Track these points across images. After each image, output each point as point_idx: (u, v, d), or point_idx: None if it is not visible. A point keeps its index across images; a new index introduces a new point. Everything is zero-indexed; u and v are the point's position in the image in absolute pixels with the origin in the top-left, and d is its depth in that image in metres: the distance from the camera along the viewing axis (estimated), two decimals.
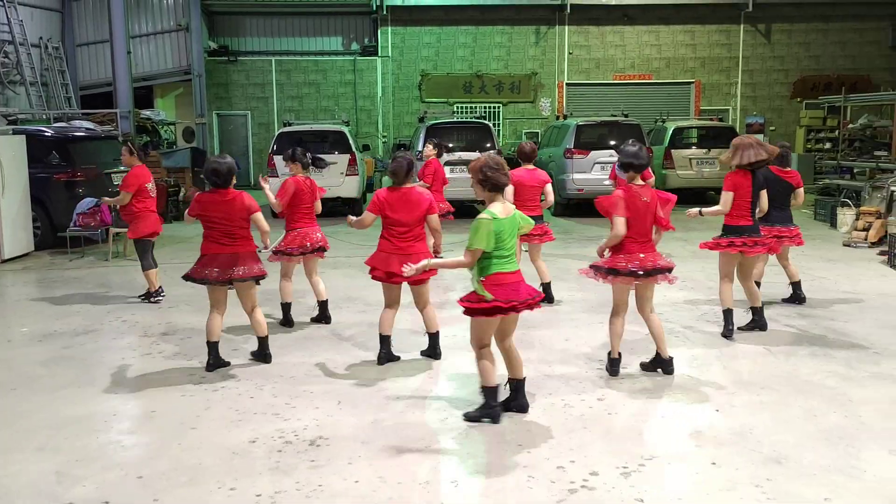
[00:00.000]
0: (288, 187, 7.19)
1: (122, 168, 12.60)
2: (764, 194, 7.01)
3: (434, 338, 6.38)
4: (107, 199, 9.57)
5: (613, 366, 5.96)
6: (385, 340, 6.26)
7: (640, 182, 5.76)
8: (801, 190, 8.20)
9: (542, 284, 8.03)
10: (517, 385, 5.21)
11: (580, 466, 4.40)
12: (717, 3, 22.23)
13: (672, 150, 16.59)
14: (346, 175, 14.98)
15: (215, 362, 6.17)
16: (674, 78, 22.90)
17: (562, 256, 10.81)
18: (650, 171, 10.07)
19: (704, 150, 16.72)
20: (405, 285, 6.11)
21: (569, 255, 10.97)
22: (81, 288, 9.26)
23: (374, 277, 6.18)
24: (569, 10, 21.91)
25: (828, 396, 5.49)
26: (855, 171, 16.87)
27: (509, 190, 6.89)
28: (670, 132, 17.10)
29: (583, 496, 4.07)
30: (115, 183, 12.18)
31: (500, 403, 5.11)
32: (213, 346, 6.17)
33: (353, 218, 6.35)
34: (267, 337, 6.36)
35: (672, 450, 4.64)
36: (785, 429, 4.93)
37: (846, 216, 12.86)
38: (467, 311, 4.93)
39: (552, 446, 4.68)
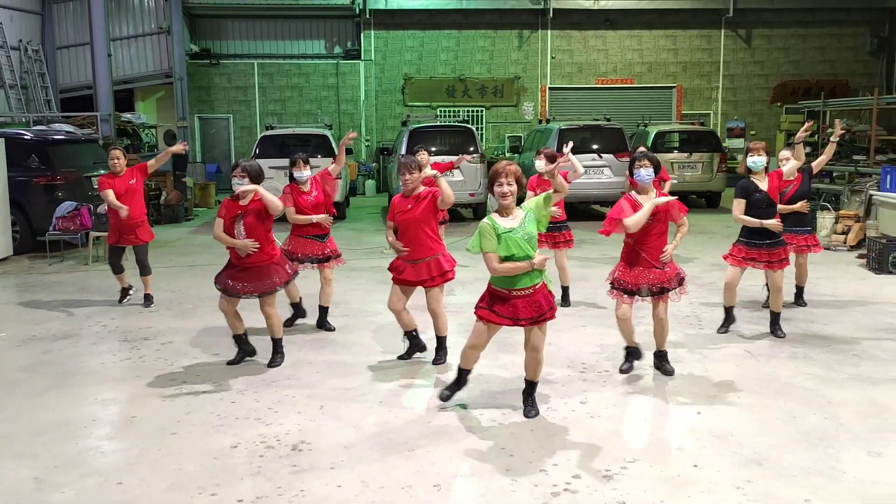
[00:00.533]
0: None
1: (101, 172, 12.53)
2: None
3: (441, 341, 6.42)
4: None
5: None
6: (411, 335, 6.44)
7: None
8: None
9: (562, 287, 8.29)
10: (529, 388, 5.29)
11: (562, 470, 4.41)
12: (698, 9, 22.40)
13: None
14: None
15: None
16: (655, 82, 23.04)
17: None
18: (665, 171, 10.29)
19: (686, 155, 16.84)
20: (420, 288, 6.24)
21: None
22: (61, 292, 9.18)
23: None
24: (551, 15, 22.00)
25: (807, 398, 5.53)
26: (834, 174, 17.03)
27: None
28: (652, 136, 17.20)
29: (565, 499, 4.08)
30: (96, 186, 12.10)
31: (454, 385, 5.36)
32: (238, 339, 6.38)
33: (392, 239, 6.27)
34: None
35: (654, 452, 4.66)
36: (765, 430, 4.96)
37: (825, 220, 12.96)
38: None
39: (534, 450, 4.68)
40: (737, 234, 7.11)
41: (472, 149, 15.01)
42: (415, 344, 6.42)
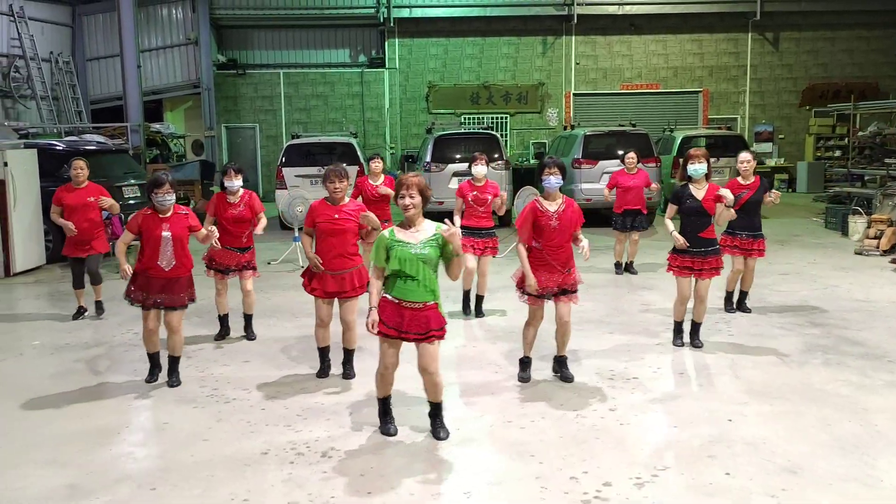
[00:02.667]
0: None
1: (132, 181, 12.69)
2: None
3: (349, 354, 6.34)
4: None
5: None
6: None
7: None
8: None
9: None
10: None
11: (593, 477, 4.38)
12: (724, 12, 22.22)
13: (681, 160, 16.53)
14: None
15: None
16: (681, 87, 22.89)
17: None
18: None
19: (713, 159, 16.65)
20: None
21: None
22: (89, 303, 9.28)
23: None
24: (575, 21, 21.95)
25: (841, 405, 5.45)
26: (865, 178, 16.79)
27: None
28: (678, 141, 17.07)
29: None
30: (126, 196, 12.26)
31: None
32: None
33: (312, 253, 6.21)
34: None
35: (684, 460, 4.62)
36: (799, 438, 4.89)
37: (857, 224, 12.80)
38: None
39: (564, 457, 4.66)
40: None
41: (496, 155, 15.00)
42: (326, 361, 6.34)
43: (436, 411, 5.04)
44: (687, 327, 7.00)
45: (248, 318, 7.52)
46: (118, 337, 7.72)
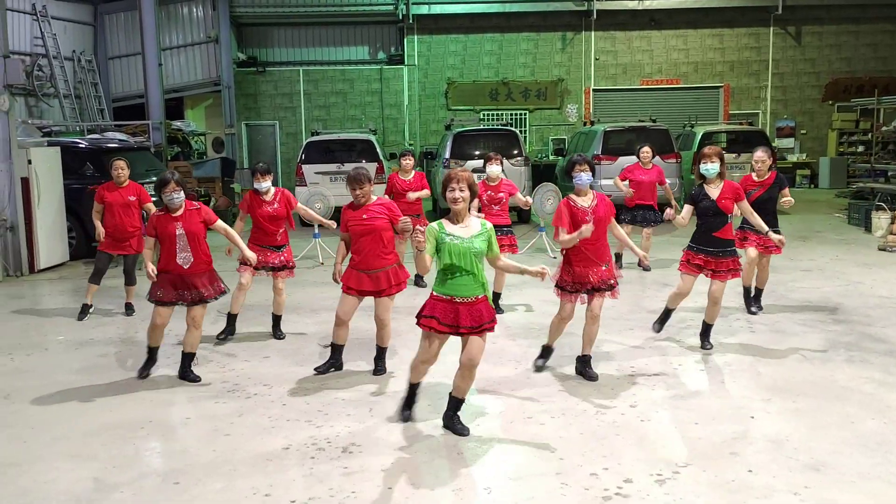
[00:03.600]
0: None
1: (153, 179, 12.79)
2: None
3: (381, 352, 6.40)
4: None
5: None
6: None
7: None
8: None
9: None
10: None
11: (614, 474, 4.37)
12: (745, 6, 22.03)
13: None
14: (374, 184, 15.04)
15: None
16: (702, 82, 22.73)
17: None
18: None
19: (734, 155, 16.55)
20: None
21: None
22: (116, 297, 9.38)
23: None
24: (595, 16, 21.86)
25: (865, 402, 5.40)
26: (889, 174, 16.59)
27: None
28: (699, 137, 16.97)
29: None
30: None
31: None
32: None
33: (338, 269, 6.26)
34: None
35: (706, 457, 4.60)
36: (822, 435, 4.86)
37: (881, 220, 12.65)
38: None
39: (585, 453, 4.66)
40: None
41: (515, 152, 14.99)
42: (335, 360, 6.35)
43: (457, 406, 5.05)
44: (697, 327, 6.95)
45: (276, 319, 7.49)
46: (141, 333, 7.78)
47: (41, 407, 5.72)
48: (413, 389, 5.24)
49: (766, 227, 6.78)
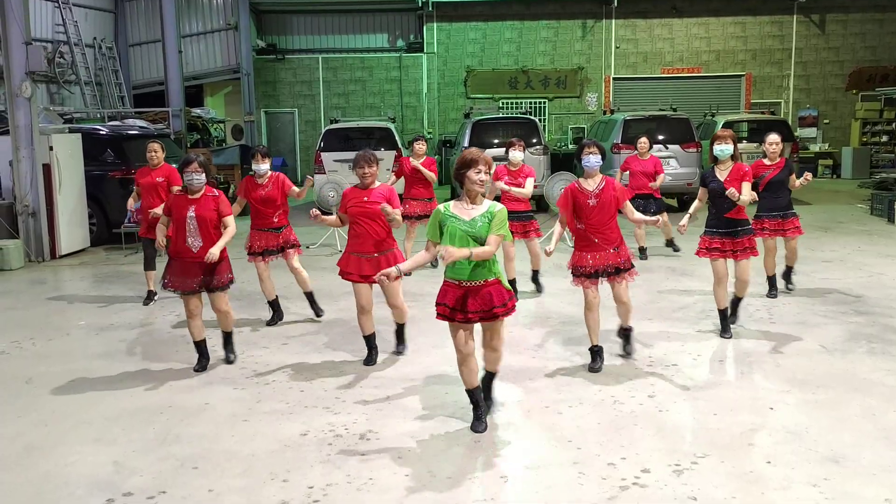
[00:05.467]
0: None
1: (173, 165, 12.85)
2: None
3: (401, 328, 6.48)
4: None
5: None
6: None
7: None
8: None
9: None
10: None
11: (631, 464, 4.36)
12: None
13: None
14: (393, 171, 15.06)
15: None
16: (724, 71, 22.51)
17: None
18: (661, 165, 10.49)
19: (755, 145, 16.37)
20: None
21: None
22: (136, 282, 9.46)
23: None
24: (616, 4, 21.70)
25: (887, 395, 5.34)
26: None
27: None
28: (720, 126, 16.80)
29: (634, 493, 4.03)
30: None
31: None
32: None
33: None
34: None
35: (724, 448, 4.57)
36: (842, 428, 4.81)
37: None
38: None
39: (602, 443, 4.64)
40: None
41: (534, 140, 14.92)
42: (371, 348, 6.30)
43: (489, 381, 5.12)
44: (716, 317, 6.91)
45: (309, 297, 7.55)
46: (161, 318, 7.86)
47: (62, 391, 5.78)
48: (473, 396, 4.90)
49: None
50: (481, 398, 4.93)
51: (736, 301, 6.97)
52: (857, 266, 9.63)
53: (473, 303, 4.66)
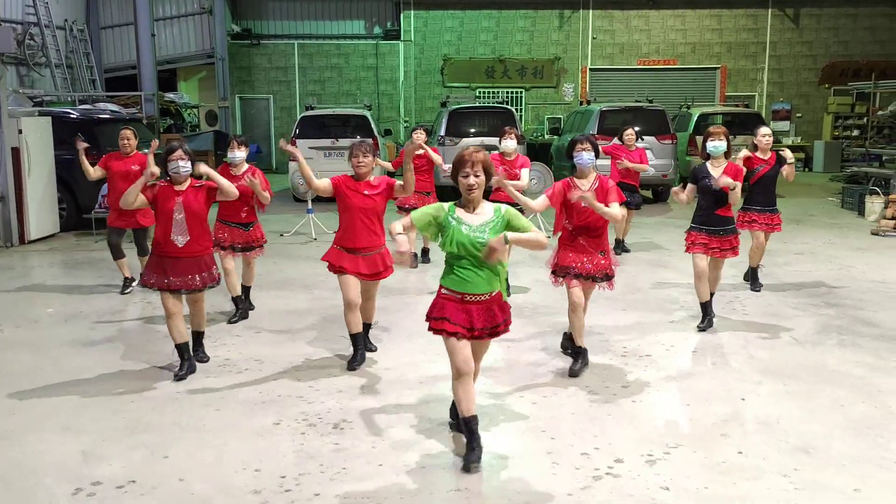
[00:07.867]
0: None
1: (145, 151, 12.69)
2: None
3: (367, 328, 6.25)
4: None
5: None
6: None
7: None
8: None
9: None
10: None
11: (605, 454, 4.38)
12: None
13: (697, 137, 16.39)
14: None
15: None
16: (699, 63, 22.64)
17: None
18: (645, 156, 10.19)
19: (733, 137, 16.49)
20: None
21: None
22: (106, 269, 9.32)
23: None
24: None
25: (856, 386, 5.41)
26: (884, 158, 16.61)
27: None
28: (695, 118, 16.91)
29: (607, 483, 4.05)
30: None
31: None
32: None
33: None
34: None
35: (697, 438, 4.60)
36: (812, 418, 4.87)
37: (874, 204, 12.67)
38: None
39: (576, 433, 4.66)
40: None
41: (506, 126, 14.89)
42: (358, 348, 5.97)
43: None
44: (689, 308, 6.95)
45: (246, 290, 7.36)
46: (131, 307, 7.75)
47: (31, 379, 5.68)
48: (469, 425, 4.25)
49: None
50: (476, 430, 4.28)
51: (707, 303, 6.83)
52: (828, 259, 9.74)
53: (478, 319, 4.21)
